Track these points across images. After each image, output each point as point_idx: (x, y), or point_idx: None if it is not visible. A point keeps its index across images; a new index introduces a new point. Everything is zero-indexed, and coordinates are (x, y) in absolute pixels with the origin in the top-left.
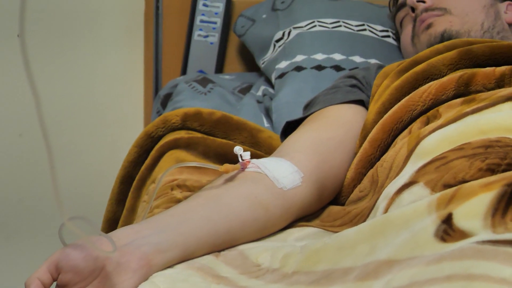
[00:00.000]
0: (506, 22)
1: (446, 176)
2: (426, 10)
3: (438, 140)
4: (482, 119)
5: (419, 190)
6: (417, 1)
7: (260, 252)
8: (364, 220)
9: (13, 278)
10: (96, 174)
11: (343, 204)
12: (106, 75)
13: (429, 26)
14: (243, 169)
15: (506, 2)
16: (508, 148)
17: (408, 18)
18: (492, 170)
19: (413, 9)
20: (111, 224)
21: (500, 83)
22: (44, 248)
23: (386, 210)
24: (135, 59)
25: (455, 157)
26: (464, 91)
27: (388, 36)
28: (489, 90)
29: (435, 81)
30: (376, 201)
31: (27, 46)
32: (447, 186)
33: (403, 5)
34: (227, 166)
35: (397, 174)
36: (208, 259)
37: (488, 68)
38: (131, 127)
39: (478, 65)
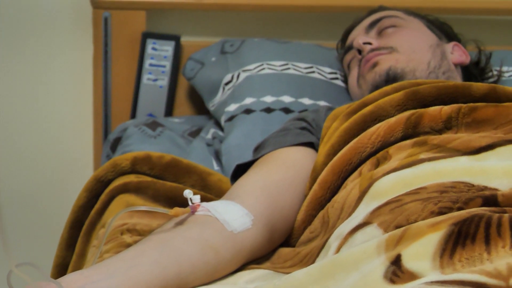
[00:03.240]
0: (452, 63)
1: (399, 217)
2: (372, 50)
3: (393, 182)
4: (439, 166)
5: (372, 231)
6: (364, 43)
7: None
8: (314, 260)
9: None
10: (45, 218)
11: (293, 246)
12: (55, 121)
13: (374, 65)
14: (193, 212)
15: (452, 43)
16: (462, 193)
17: (355, 60)
18: (443, 214)
19: (359, 52)
20: (60, 269)
21: (447, 124)
22: None
23: (338, 250)
24: (84, 103)
25: (410, 200)
26: (412, 132)
27: (337, 78)
28: (437, 131)
29: (383, 123)
30: (326, 241)
31: None
32: (399, 227)
33: (350, 47)
34: (177, 209)
35: (349, 214)
36: None
37: (434, 109)
38: (81, 171)
39: (425, 105)
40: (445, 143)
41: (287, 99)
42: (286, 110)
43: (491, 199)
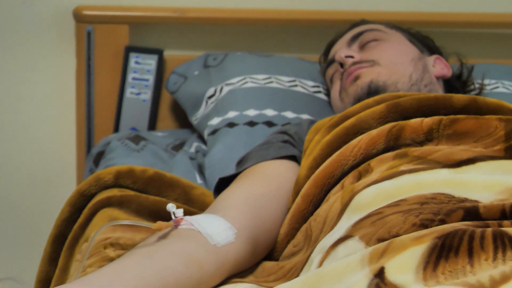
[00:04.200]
0: (433, 76)
1: (381, 230)
2: (354, 64)
3: (374, 194)
4: (419, 177)
5: (354, 244)
6: (346, 57)
7: None
8: (298, 275)
9: None
10: (28, 233)
11: (277, 260)
12: (38, 135)
13: (356, 78)
14: (176, 226)
15: (434, 56)
16: (442, 204)
17: (337, 74)
18: (425, 226)
19: (342, 65)
20: (43, 284)
21: (428, 136)
22: None
23: (321, 264)
24: (67, 117)
25: (391, 213)
26: (393, 145)
27: (319, 92)
28: (418, 143)
29: (365, 135)
30: (310, 255)
31: None
32: (381, 240)
33: (332, 61)
34: (160, 223)
35: (331, 228)
36: None
37: (415, 121)
38: (64, 185)
39: (407, 118)
40: (426, 155)
41: (270, 112)
42: (269, 123)
43: (472, 211)
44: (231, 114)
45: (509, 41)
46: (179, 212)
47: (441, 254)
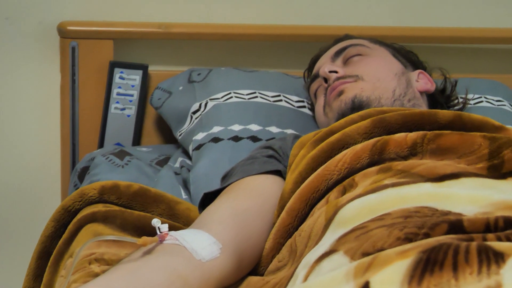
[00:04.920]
0: (417, 90)
1: (365, 244)
2: (338, 79)
3: (357, 208)
4: (403, 191)
5: (339, 258)
6: (329, 72)
7: None
8: None
9: None
10: (13, 249)
11: (262, 275)
12: (22, 150)
13: (340, 93)
14: (161, 241)
15: (418, 71)
16: (426, 218)
17: (321, 89)
18: (409, 239)
19: (326, 80)
20: None
21: (412, 151)
22: None
23: (305, 278)
24: (51, 132)
25: (375, 227)
26: (378, 159)
27: (304, 107)
28: (402, 157)
29: (349, 150)
30: (295, 270)
31: None
32: (365, 254)
33: (316, 76)
34: (145, 239)
35: (316, 243)
36: None
37: (400, 135)
38: (48, 201)
39: (392, 133)
40: (409, 168)
41: (254, 127)
42: (254, 138)
43: (456, 225)
44: (216, 129)
45: (492, 56)
46: (164, 227)
47: (426, 268)
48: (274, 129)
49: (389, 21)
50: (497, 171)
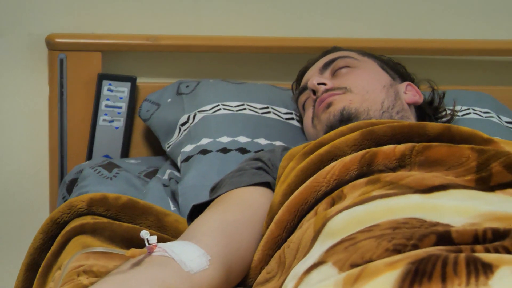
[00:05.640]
0: (405, 102)
1: (354, 256)
2: (327, 91)
3: (346, 220)
4: (391, 202)
5: (327, 270)
6: (318, 84)
7: None
8: None
9: None
10: (0, 261)
11: (250, 286)
12: (10, 162)
13: (329, 105)
14: (150, 253)
15: (406, 83)
16: (415, 229)
17: (309, 100)
18: (398, 251)
19: (314, 92)
20: None
21: (401, 163)
22: None
23: None
24: (39, 144)
25: (364, 238)
26: (366, 171)
27: (292, 119)
28: (391, 169)
29: (338, 161)
30: (283, 282)
31: None
32: (354, 265)
33: (305, 88)
34: (133, 250)
35: (305, 254)
36: None
37: (389, 147)
38: (37, 213)
39: (381, 145)
40: (397, 180)
41: (243, 139)
42: (243, 150)
43: (445, 236)
44: (204, 141)
45: (479, 68)
46: (153, 239)
47: (415, 279)
48: (262, 141)
49: (377, 33)
50: (485, 184)
